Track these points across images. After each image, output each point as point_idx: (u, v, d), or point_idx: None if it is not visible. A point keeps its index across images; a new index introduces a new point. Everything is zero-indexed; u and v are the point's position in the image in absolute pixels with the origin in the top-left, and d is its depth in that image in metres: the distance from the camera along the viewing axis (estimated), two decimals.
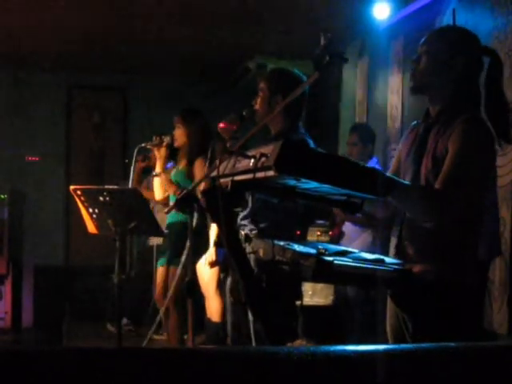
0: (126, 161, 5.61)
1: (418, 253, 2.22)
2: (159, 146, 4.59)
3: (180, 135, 4.55)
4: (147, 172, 5.70)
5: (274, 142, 1.81)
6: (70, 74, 7.60)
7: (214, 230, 4.55)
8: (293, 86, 3.11)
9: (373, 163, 4.88)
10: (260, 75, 6.02)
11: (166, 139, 4.58)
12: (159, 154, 4.60)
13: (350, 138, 5.01)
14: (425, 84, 2.30)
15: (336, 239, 4.87)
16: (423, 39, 2.34)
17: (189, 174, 4.47)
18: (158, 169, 4.62)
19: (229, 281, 4.11)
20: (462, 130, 2.13)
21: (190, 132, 4.53)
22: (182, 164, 4.57)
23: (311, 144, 3.12)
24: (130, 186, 4.84)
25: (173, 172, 4.65)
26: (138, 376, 1.06)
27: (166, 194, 4.59)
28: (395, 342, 2.34)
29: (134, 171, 5.02)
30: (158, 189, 4.68)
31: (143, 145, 4.71)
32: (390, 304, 2.38)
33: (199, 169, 4.40)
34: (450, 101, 2.26)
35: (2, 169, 7.26)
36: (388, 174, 2.50)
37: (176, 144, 4.59)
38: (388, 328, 2.41)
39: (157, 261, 5.13)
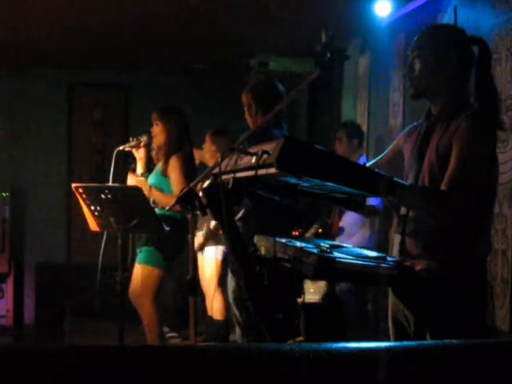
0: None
1: (422, 249, 2.22)
2: (137, 147, 4.51)
3: (158, 132, 4.50)
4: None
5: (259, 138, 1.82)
6: (71, 71, 7.59)
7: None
8: (268, 94, 3.74)
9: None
10: (261, 73, 6.04)
11: (144, 139, 4.51)
12: (139, 155, 4.55)
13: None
14: (423, 88, 2.32)
15: (334, 235, 4.87)
16: (412, 44, 2.36)
17: (164, 172, 4.41)
18: (140, 169, 4.55)
19: (230, 278, 4.09)
20: (467, 127, 2.14)
21: (168, 129, 4.48)
22: (161, 162, 4.49)
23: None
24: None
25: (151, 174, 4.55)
26: (140, 373, 1.06)
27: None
28: (398, 338, 2.34)
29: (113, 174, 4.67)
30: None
31: (121, 148, 4.52)
32: (392, 300, 2.38)
33: (174, 166, 4.36)
34: (450, 98, 2.27)
35: (3, 167, 7.25)
36: (379, 158, 2.54)
37: (155, 142, 4.53)
38: (390, 324, 2.42)
39: None
